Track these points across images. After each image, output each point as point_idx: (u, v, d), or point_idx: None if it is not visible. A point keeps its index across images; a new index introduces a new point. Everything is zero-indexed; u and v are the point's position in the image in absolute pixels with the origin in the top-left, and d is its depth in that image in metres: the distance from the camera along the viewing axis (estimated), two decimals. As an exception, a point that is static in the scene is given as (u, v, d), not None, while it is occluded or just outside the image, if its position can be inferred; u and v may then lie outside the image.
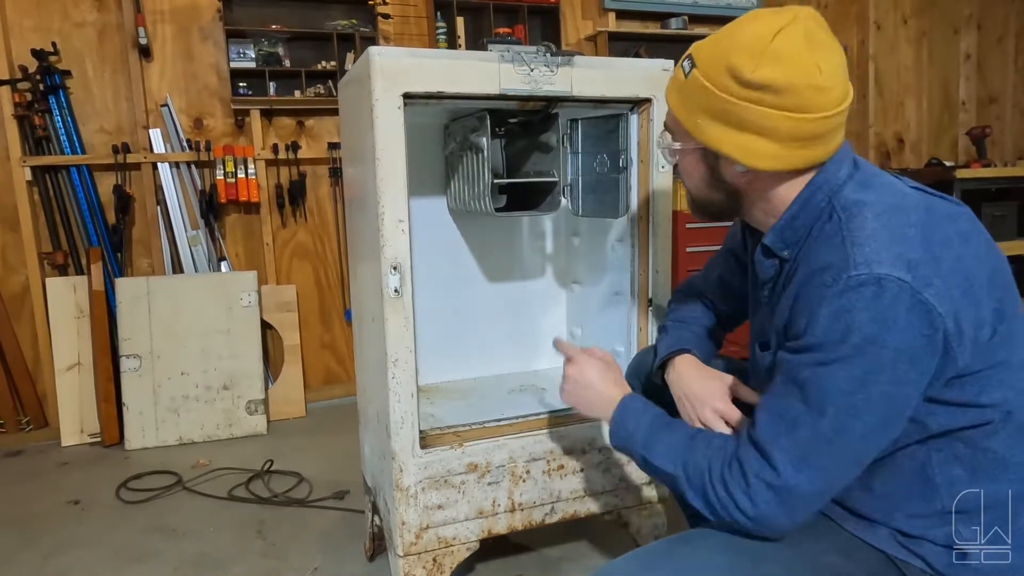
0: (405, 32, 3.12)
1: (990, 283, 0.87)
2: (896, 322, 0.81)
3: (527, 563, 1.77)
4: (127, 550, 1.91)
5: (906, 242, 0.84)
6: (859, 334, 0.82)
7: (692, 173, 1.02)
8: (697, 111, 0.94)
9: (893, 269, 0.81)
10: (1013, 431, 0.88)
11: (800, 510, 0.88)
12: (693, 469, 0.96)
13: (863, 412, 0.84)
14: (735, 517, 0.90)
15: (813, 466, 0.86)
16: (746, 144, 0.91)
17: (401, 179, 1.28)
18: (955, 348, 0.83)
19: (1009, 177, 3.51)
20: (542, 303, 1.96)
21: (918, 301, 0.81)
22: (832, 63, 0.89)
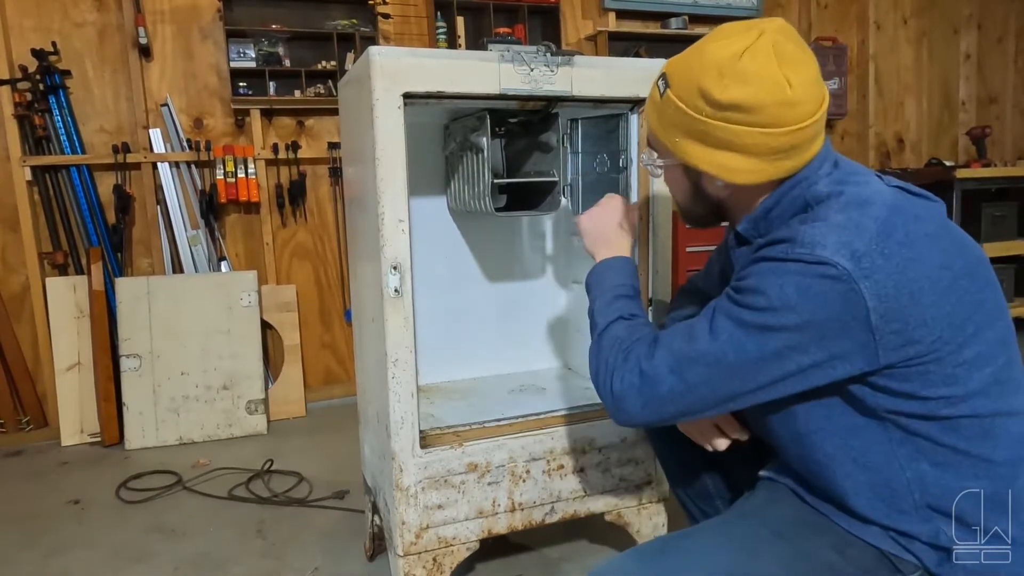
0: (405, 32, 3.12)
1: (951, 287, 0.86)
2: (819, 299, 0.83)
3: (527, 563, 1.77)
4: (127, 550, 1.91)
5: (859, 233, 0.84)
6: (781, 296, 0.85)
7: (677, 187, 1.06)
8: (674, 130, 0.96)
9: (835, 254, 0.83)
10: (973, 430, 0.88)
11: (651, 407, 0.94)
12: (612, 335, 1.04)
13: (751, 357, 0.87)
14: (603, 385, 0.99)
15: (682, 375, 0.91)
16: (723, 162, 0.93)
17: (401, 179, 1.28)
18: (881, 339, 0.83)
19: (1009, 177, 3.51)
20: (542, 303, 1.96)
21: (850, 289, 0.82)
22: (802, 75, 0.90)
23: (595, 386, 1.03)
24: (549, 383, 1.83)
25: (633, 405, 0.95)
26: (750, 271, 0.90)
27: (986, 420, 0.88)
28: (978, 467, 0.89)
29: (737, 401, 0.92)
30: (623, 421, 1.00)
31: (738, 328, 0.88)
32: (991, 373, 0.88)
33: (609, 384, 0.98)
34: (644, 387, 0.94)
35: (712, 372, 0.90)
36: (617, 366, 0.98)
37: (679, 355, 0.92)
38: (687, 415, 0.95)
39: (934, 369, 0.86)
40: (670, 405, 0.93)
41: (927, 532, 0.90)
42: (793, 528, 0.96)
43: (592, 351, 1.06)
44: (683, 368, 0.91)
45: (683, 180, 1.03)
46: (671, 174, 1.05)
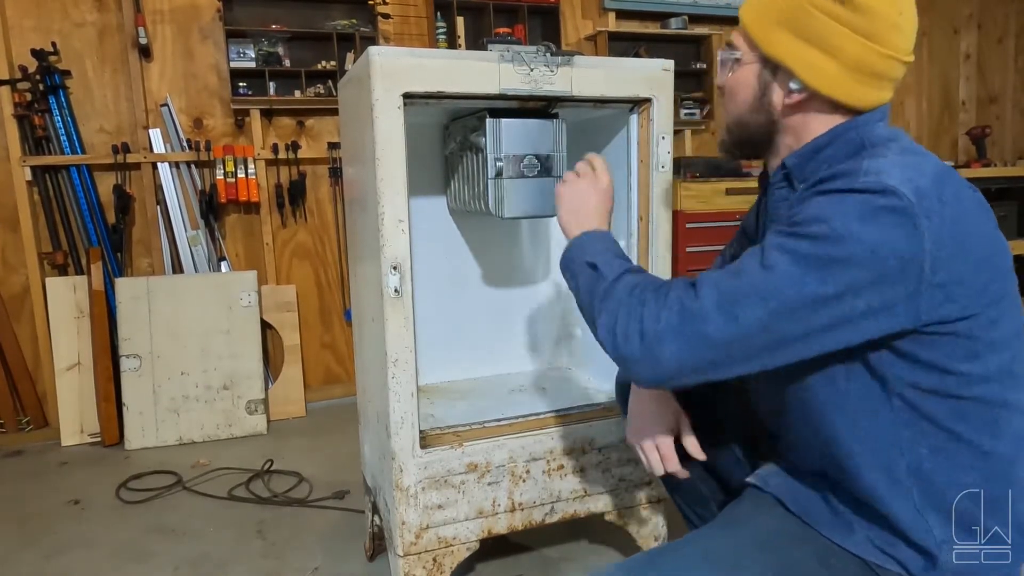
0: (405, 32, 3.12)
1: (991, 258, 0.86)
2: (885, 232, 0.79)
3: (527, 563, 1.77)
4: (127, 550, 1.91)
5: (921, 172, 0.83)
6: (844, 225, 0.79)
7: (740, 90, 1.00)
8: (772, 21, 0.94)
9: (901, 185, 0.80)
10: (979, 418, 0.87)
11: (691, 351, 0.85)
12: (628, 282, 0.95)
13: (809, 293, 0.80)
14: (628, 332, 0.89)
15: (732, 313, 0.82)
16: (812, 60, 0.91)
17: (401, 179, 1.28)
18: (925, 291, 0.80)
19: (1009, 177, 3.51)
20: (542, 303, 1.96)
21: (913, 225, 0.79)
22: (911, 13, 0.91)
23: (609, 338, 0.93)
24: (549, 383, 1.83)
25: (669, 348, 0.85)
26: (806, 205, 0.84)
27: (993, 408, 0.87)
28: (975, 458, 0.88)
29: (785, 350, 0.84)
30: (655, 372, 0.88)
31: (796, 261, 0.81)
32: (1008, 360, 0.87)
33: (638, 328, 0.87)
34: (685, 326, 0.84)
35: (766, 310, 0.81)
36: (648, 307, 0.88)
37: (728, 291, 0.83)
38: (727, 365, 0.85)
39: (962, 342, 0.84)
40: (713, 350, 0.84)
41: (917, 529, 0.89)
42: (776, 539, 0.96)
43: (600, 304, 0.96)
44: (733, 305, 0.82)
45: (752, 83, 0.98)
46: (743, 74, 0.99)
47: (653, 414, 1.16)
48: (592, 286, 1.00)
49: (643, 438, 1.15)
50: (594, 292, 0.99)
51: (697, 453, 1.14)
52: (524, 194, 1.48)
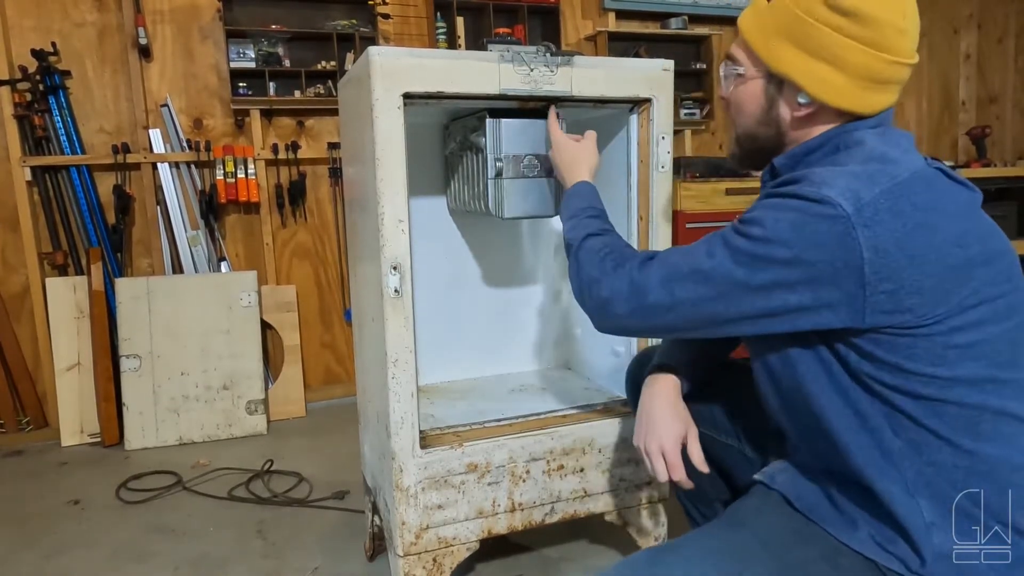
0: (405, 32, 3.12)
1: (961, 267, 0.84)
2: (813, 238, 0.83)
3: (527, 563, 1.77)
4: (127, 550, 1.91)
5: (870, 184, 0.83)
6: (775, 230, 0.85)
7: (747, 104, 1.01)
8: (774, 34, 0.94)
9: (838, 196, 0.82)
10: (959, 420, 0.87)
11: (638, 315, 0.98)
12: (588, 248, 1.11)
13: (738, 283, 0.88)
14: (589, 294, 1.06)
15: (671, 290, 0.95)
16: (817, 72, 0.92)
17: (401, 179, 1.28)
18: (870, 297, 0.82)
19: (1009, 177, 3.51)
20: (542, 303, 1.96)
21: (846, 234, 0.81)
22: (912, 13, 0.91)
23: (580, 299, 1.09)
24: (549, 383, 1.83)
25: (620, 310, 1.00)
26: (756, 205, 0.91)
27: (972, 412, 0.87)
28: (957, 456, 0.87)
29: (721, 327, 0.93)
30: (609, 325, 1.05)
31: (731, 254, 0.89)
32: (987, 367, 0.86)
33: (596, 291, 1.03)
34: (632, 296, 0.98)
35: (699, 291, 0.92)
36: (605, 275, 1.03)
37: (671, 269, 0.96)
38: (673, 330, 1.02)
39: (922, 344, 0.85)
40: (656, 317, 0.97)
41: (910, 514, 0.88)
42: (782, 538, 0.95)
43: (572, 270, 1.12)
44: (672, 283, 0.95)
45: (759, 96, 0.99)
46: (748, 89, 1.00)
47: (662, 420, 1.15)
48: (566, 245, 1.19)
49: (650, 443, 1.15)
50: (567, 252, 1.17)
51: (701, 465, 1.14)
52: (524, 194, 1.48)
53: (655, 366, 1.22)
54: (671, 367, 1.21)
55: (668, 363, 1.21)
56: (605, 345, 1.74)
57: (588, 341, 1.87)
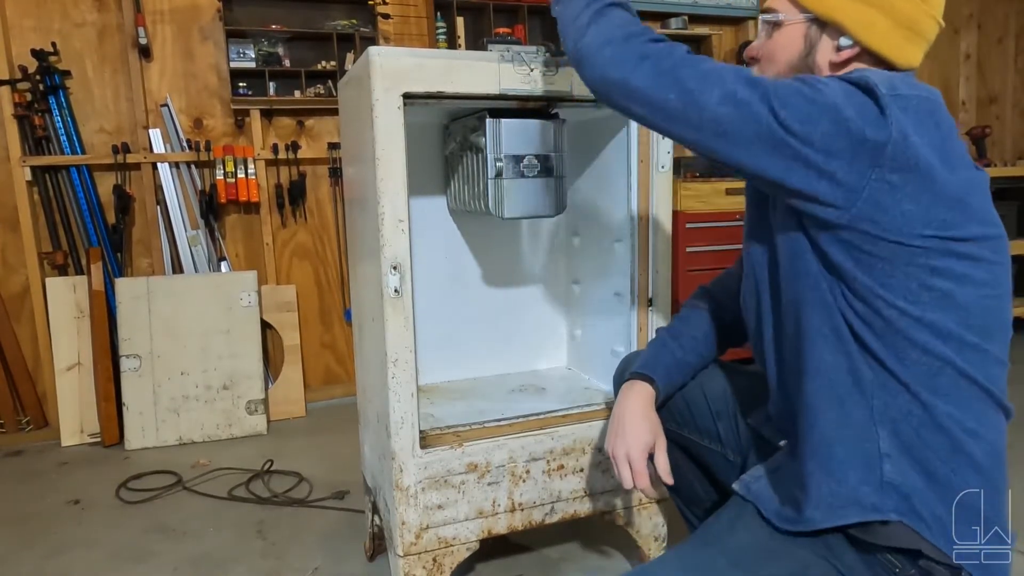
0: (405, 32, 3.12)
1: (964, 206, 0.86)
2: (852, 102, 0.83)
3: (527, 563, 1.77)
4: (127, 550, 1.91)
5: (910, 88, 0.86)
6: (824, 83, 0.86)
7: (783, 52, 1.00)
8: None
9: (880, 83, 0.84)
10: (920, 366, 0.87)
11: (656, 81, 0.91)
12: (621, 15, 1.00)
13: (792, 102, 0.85)
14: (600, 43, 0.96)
15: (709, 78, 0.89)
16: (864, 15, 0.93)
17: (401, 179, 1.28)
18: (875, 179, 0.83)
19: (1009, 177, 3.51)
20: (542, 303, 1.96)
21: (880, 109, 0.82)
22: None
23: (579, 44, 0.99)
24: (549, 383, 1.83)
25: (640, 71, 0.92)
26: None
27: (936, 363, 0.87)
28: (914, 404, 0.88)
29: (725, 143, 0.88)
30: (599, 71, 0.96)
31: (776, 84, 0.87)
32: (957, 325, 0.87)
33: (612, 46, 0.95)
34: (663, 61, 0.91)
35: (734, 92, 0.87)
36: (633, 36, 0.95)
37: (716, 66, 0.90)
38: (675, 119, 0.91)
39: (900, 273, 0.85)
40: (673, 90, 0.90)
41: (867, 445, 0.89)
42: (751, 557, 0.96)
43: (581, 22, 1.00)
44: (709, 75, 0.89)
45: (797, 41, 0.99)
46: (787, 34, 0.99)
47: (632, 427, 1.16)
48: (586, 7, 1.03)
49: (617, 449, 1.16)
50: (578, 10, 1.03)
51: (666, 477, 1.15)
52: (524, 194, 1.48)
53: (633, 373, 1.24)
54: (647, 376, 1.22)
55: (645, 372, 1.23)
56: (605, 345, 1.74)
57: (588, 341, 1.87)
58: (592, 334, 1.84)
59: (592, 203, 1.75)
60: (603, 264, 1.74)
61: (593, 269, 1.80)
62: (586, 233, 1.84)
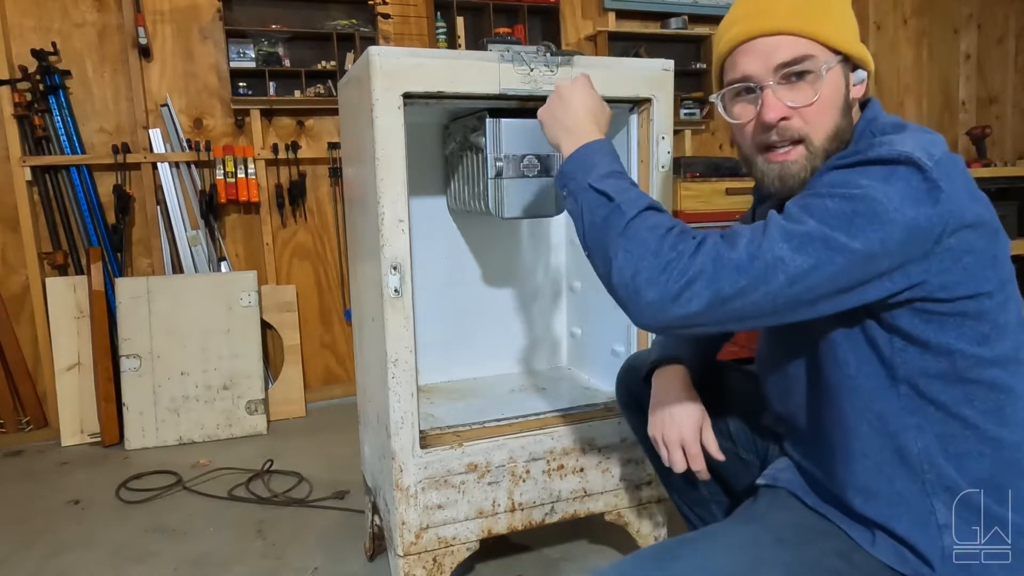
0: (405, 32, 3.12)
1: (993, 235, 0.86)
2: (905, 189, 0.79)
3: (527, 563, 1.77)
4: (127, 550, 1.91)
5: (935, 145, 0.83)
6: (868, 183, 0.80)
7: (832, 99, 0.92)
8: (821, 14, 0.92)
9: (916, 151, 0.80)
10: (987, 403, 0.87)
11: (720, 291, 0.82)
12: (652, 222, 0.89)
13: (838, 243, 0.79)
14: (660, 275, 0.85)
15: (765, 258, 0.81)
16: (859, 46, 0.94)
17: (401, 179, 1.28)
18: (937, 252, 0.81)
19: (1009, 177, 3.50)
20: (542, 303, 1.96)
21: (934, 185, 0.78)
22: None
23: (625, 278, 0.88)
24: (549, 383, 1.83)
25: (698, 289, 0.83)
26: (823, 177, 0.84)
27: (999, 394, 0.87)
28: (984, 444, 0.88)
29: (808, 308, 0.84)
30: (664, 316, 0.85)
31: (825, 219, 0.80)
32: (1012, 347, 0.87)
33: (665, 273, 0.84)
34: (720, 273, 0.82)
35: (795, 261, 0.81)
36: (681, 253, 0.84)
37: (759, 241, 0.82)
38: (748, 318, 0.85)
39: (971, 323, 0.85)
40: (742, 291, 0.82)
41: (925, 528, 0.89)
42: (796, 534, 0.95)
43: (619, 240, 0.90)
44: (763, 253, 0.81)
45: (840, 85, 0.93)
46: (831, 81, 0.91)
47: (681, 409, 1.13)
48: (607, 218, 0.93)
49: (669, 433, 1.13)
50: (609, 224, 0.93)
51: (717, 454, 1.12)
52: (524, 194, 1.48)
53: (659, 359, 1.21)
54: (677, 359, 1.20)
55: (673, 355, 1.20)
56: (605, 345, 1.74)
57: (588, 341, 1.87)
58: (592, 334, 1.84)
59: (592, 203, 1.75)
60: (603, 264, 1.73)
61: (593, 269, 1.80)
62: (586, 233, 1.83)
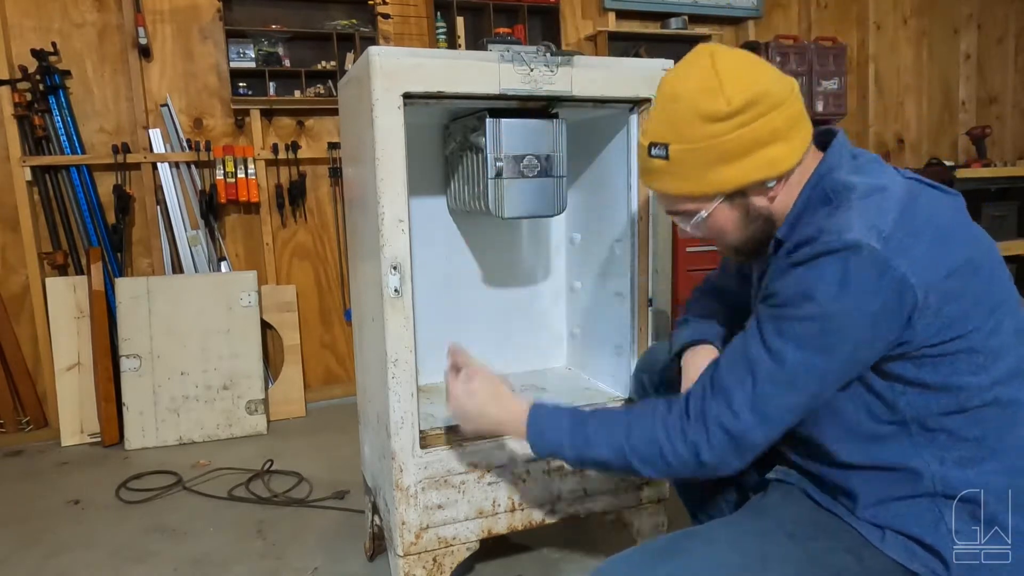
0: (405, 32, 3.12)
1: (977, 271, 0.88)
2: (861, 286, 0.84)
3: (527, 563, 1.77)
4: (127, 550, 1.91)
5: (882, 216, 0.86)
6: (825, 294, 0.85)
7: (726, 226, 1.01)
8: (702, 173, 0.95)
9: (864, 236, 0.84)
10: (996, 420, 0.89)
11: (751, 452, 0.93)
12: (641, 440, 0.98)
13: (818, 365, 0.88)
14: (693, 470, 0.95)
15: (768, 412, 0.90)
16: (764, 159, 0.94)
17: (401, 179, 1.28)
18: (919, 319, 0.85)
19: (1009, 177, 3.51)
20: (542, 303, 1.96)
21: (888, 267, 0.83)
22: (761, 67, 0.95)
23: (663, 473, 0.99)
24: (549, 383, 1.83)
25: (736, 463, 0.94)
26: (787, 280, 0.90)
27: (1008, 409, 0.89)
28: (997, 458, 0.90)
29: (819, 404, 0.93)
30: (729, 475, 0.98)
31: (800, 346, 0.88)
32: (1013, 363, 0.90)
33: (697, 465, 0.94)
34: (738, 444, 0.92)
35: (792, 397, 0.90)
36: (698, 444, 0.94)
37: (752, 395, 0.91)
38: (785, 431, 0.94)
39: (963, 357, 0.87)
40: (767, 442, 0.93)
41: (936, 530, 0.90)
42: (806, 530, 0.96)
43: (643, 468, 0.99)
44: (767, 407, 0.90)
45: (731, 213, 1.00)
46: (717, 217, 1.00)
47: None
48: (610, 464, 1.04)
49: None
50: (622, 467, 1.02)
51: None
52: (524, 194, 1.48)
53: (690, 342, 1.24)
54: (702, 340, 1.23)
55: (698, 339, 1.24)
56: (605, 345, 1.74)
57: (588, 341, 1.87)
58: (592, 334, 1.83)
59: (592, 203, 1.75)
60: (603, 264, 1.73)
61: (593, 269, 1.80)
62: (586, 233, 1.84)
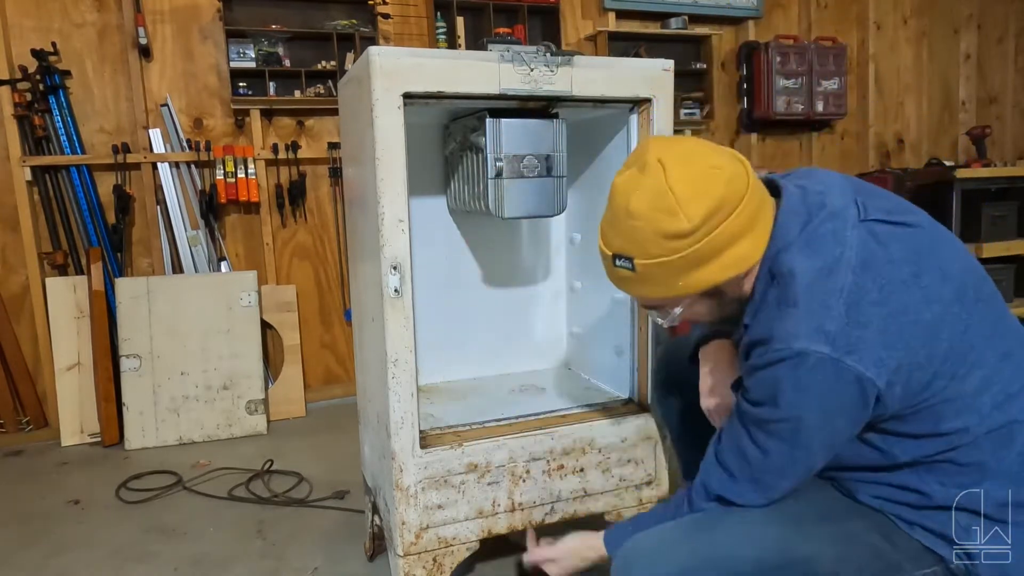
0: (405, 32, 3.12)
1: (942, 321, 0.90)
2: (817, 388, 0.89)
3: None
4: (127, 550, 1.91)
5: (827, 313, 0.89)
6: (786, 399, 0.92)
7: (703, 313, 1.07)
8: (674, 280, 0.98)
9: (810, 343, 0.88)
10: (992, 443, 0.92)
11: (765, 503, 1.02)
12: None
13: (800, 456, 0.96)
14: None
15: (766, 486, 1.00)
16: (732, 258, 0.96)
17: (401, 179, 1.28)
18: (887, 396, 0.89)
19: (1009, 177, 3.50)
20: (542, 303, 1.96)
21: (841, 368, 0.88)
22: (707, 149, 0.96)
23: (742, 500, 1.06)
24: (549, 383, 1.83)
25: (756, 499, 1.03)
26: (753, 381, 0.97)
27: (1003, 430, 0.92)
28: (1000, 475, 0.92)
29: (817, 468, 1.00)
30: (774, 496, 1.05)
31: (782, 441, 0.96)
32: (1000, 390, 0.92)
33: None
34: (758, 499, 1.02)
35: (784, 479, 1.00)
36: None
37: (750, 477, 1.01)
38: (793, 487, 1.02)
39: (946, 406, 0.91)
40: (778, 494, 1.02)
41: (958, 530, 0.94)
42: (839, 512, 1.01)
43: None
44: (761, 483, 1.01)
45: (706, 303, 1.04)
46: (693, 309, 1.05)
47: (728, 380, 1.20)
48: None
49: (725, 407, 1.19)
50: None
51: None
52: (524, 194, 1.48)
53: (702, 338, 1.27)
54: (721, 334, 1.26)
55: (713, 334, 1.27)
56: (605, 345, 1.74)
57: (588, 341, 1.87)
58: (592, 334, 1.83)
59: (592, 203, 1.75)
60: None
61: (593, 269, 1.80)
62: (586, 233, 1.84)
